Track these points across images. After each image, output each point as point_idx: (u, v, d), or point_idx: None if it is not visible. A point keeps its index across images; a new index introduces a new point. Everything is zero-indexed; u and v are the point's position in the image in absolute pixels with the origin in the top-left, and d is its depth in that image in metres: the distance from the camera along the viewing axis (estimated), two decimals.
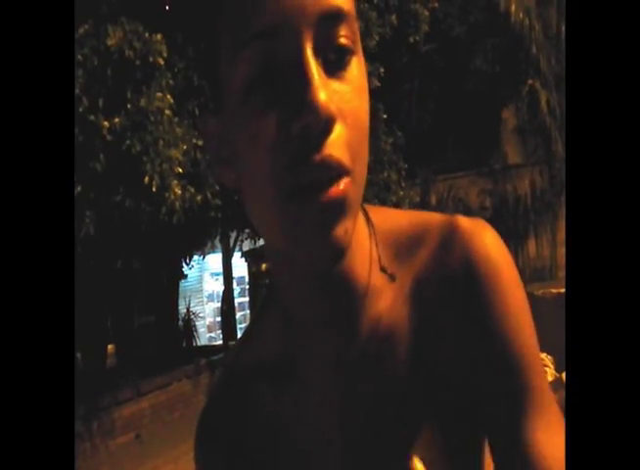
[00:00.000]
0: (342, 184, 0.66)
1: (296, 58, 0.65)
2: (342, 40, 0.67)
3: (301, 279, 0.78)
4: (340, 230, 0.67)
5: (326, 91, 0.65)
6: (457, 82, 11.76)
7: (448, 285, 0.78)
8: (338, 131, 0.66)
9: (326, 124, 0.65)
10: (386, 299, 0.80)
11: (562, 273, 11.72)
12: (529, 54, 11.63)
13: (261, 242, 12.35)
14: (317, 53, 0.66)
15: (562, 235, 12.21)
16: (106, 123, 6.15)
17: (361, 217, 0.79)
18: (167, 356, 11.12)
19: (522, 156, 12.96)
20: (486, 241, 0.79)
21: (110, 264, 8.60)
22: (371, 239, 0.81)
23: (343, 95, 0.67)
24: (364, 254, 0.79)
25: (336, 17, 0.67)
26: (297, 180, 0.66)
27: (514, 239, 12.22)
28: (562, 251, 12.14)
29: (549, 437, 0.73)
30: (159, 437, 9.17)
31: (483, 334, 0.76)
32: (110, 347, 11.00)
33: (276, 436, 0.83)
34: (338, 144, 0.66)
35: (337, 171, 0.66)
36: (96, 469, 8.14)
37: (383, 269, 0.80)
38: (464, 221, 0.81)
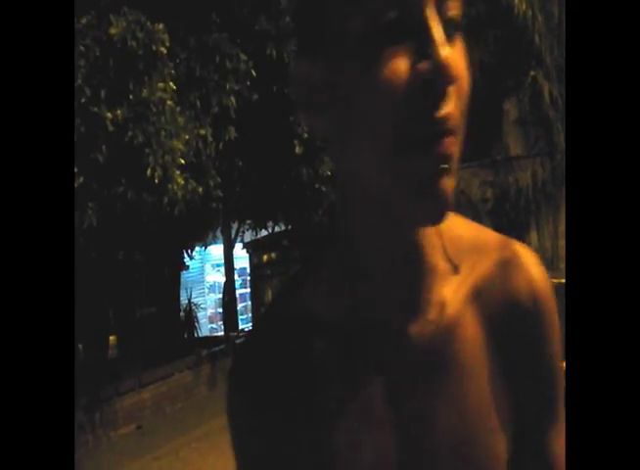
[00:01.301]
0: (454, 140, 0.70)
1: (421, 15, 0.68)
2: (454, 12, 0.70)
3: (385, 241, 0.79)
4: (450, 185, 0.70)
5: (449, 51, 0.68)
6: None
7: (513, 303, 0.84)
8: (453, 94, 0.69)
9: (449, 82, 0.67)
10: (450, 286, 0.83)
11: (563, 265, 11.69)
12: (532, 45, 11.61)
13: (263, 233, 12.26)
14: (437, 15, 0.69)
15: (563, 227, 12.19)
16: (108, 114, 6.15)
17: None
18: (169, 347, 11.15)
19: (523, 147, 12.94)
20: (544, 275, 0.85)
21: (111, 256, 8.60)
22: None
23: (456, 61, 0.69)
24: (431, 236, 0.81)
25: None
26: (416, 132, 0.68)
27: (515, 231, 12.22)
28: (563, 242, 12.13)
29: (561, 439, 0.85)
30: (160, 428, 9.19)
31: (538, 354, 0.85)
32: (111, 338, 11.01)
33: (321, 389, 0.82)
34: (454, 105, 0.69)
35: (452, 128, 0.69)
36: (98, 460, 8.16)
37: (448, 258, 0.83)
38: (521, 248, 0.86)
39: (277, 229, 11.51)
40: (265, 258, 14.71)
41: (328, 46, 0.72)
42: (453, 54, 0.69)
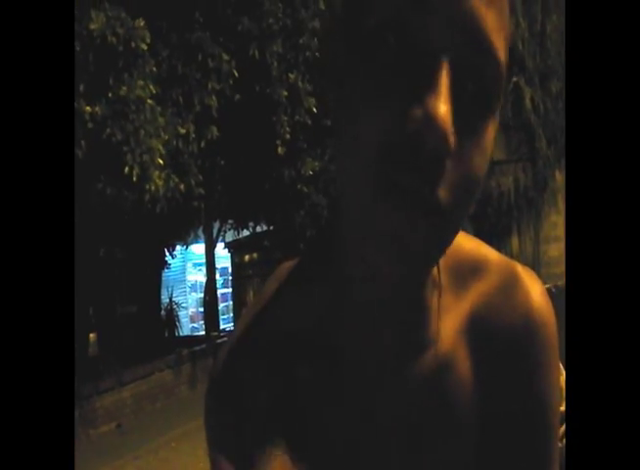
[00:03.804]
0: (432, 228, 0.62)
1: (431, 53, 0.60)
2: (474, 88, 0.61)
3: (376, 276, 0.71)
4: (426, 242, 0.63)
5: (449, 111, 0.58)
6: None
7: (507, 334, 0.78)
8: (448, 168, 0.60)
9: (440, 143, 0.58)
10: (445, 323, 0.77)
11: (545, 270, 11.78)
12: (515, 51, 11.69)
13: (245, 233, 12.24)
14: (451, 78, 0.60)
15: (544, 232, 12.28)
16: (88, 108, 6.14)
17: None
18: (149, 346, 11.13)
19: (505, 152, 13.00)
20: (545, 301, 0.79)
21: (92, 253, 8.60)
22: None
23: (460, 136, 0.60)
24: (430, 273, 0.75)
25: (482, 55, 0.61)
26: (395, 186, 0.61)
27: (497, 236, 12.27)
28: (544, 248, 12.21)
29: None
30: (140, 427, 9.19)
31: (528, 392, 0.77)
32: (91, 335, 10.99)
33: (301, 415, 0.78)
34: (443, 180, 0.61)
35: (434, 209, 0.61)
36: (77, 458, 8.10)
37: (443, 295, 0.77)
38: (522, 270, 0.80)
39: (259, 229, 11.53)
40: (247, 258, 14.74)
41: (348, 34, 0.65)
42: (460, 127, 0.60)
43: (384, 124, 0.61)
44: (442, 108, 0.58)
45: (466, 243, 0.81)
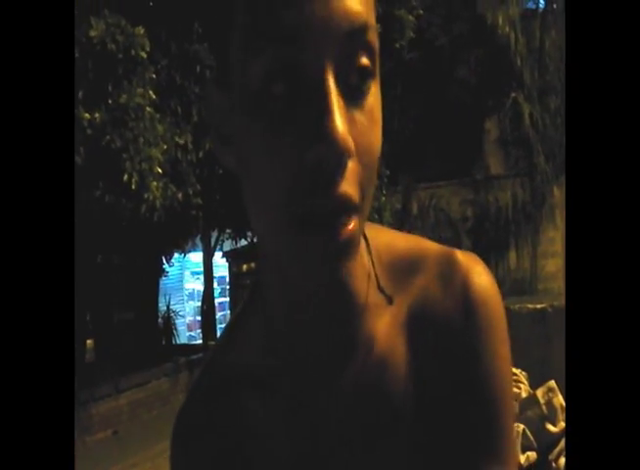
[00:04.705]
0: (352, 223, 0.64)
1: (316, 79, 0.62)
2: (365, 60, 0.64)
3: (295, 293, 0.76)
4: (343, 268, 0.65)
5: (345, 122, 0.61)
6: (440, 91, 11.85)
7: (445, 321, 0.77)
8: (352, 166, 0.63)
9: (342, 158, 0.61)
10: (382, 320, 0.78)
11: (542, 286, 11.79)
12: (513, 66, 11.76)
13: (243, 242, 12.28)
14: (338, 74, 0.62)
15: (542, 247, 12.29)
16: (87, 115, 6.18)
17: None
18: (146, 354, 11.12)
19: (504, 167, 13.03)
20: (484, 281, 0.78)
21: (90, 259, 8.62)
22: (368, 256, 0.78)
23: (361, 127, 0.64)
24: (362, 269, 0.77)
25: (361, 33, 0.63)
26: (305, 210, 0.63)
27: (495, 250, 12.28)
28: (542, 263, 12.21)
29: None
30: (136, 434, 9.16)
31: (472, 377, 0.76)
32: (88, 342, 10.99)
33: (259, 445, 0.80)
34: (351, 180, 0.63)
35: (348, 209, 0.63)
36: None
37: (380, 289, 0.78)
38: (461, 256, 0.80)
39: (256, 239, 11.49)
40: (245, 267, 14.71)
41: (232, 81, 0.67)
42: (357, 118, 0.64)
43: (288, 162, 0.63)
44: (338, 128, 0.60)
45: (400, 242, 0.82)
